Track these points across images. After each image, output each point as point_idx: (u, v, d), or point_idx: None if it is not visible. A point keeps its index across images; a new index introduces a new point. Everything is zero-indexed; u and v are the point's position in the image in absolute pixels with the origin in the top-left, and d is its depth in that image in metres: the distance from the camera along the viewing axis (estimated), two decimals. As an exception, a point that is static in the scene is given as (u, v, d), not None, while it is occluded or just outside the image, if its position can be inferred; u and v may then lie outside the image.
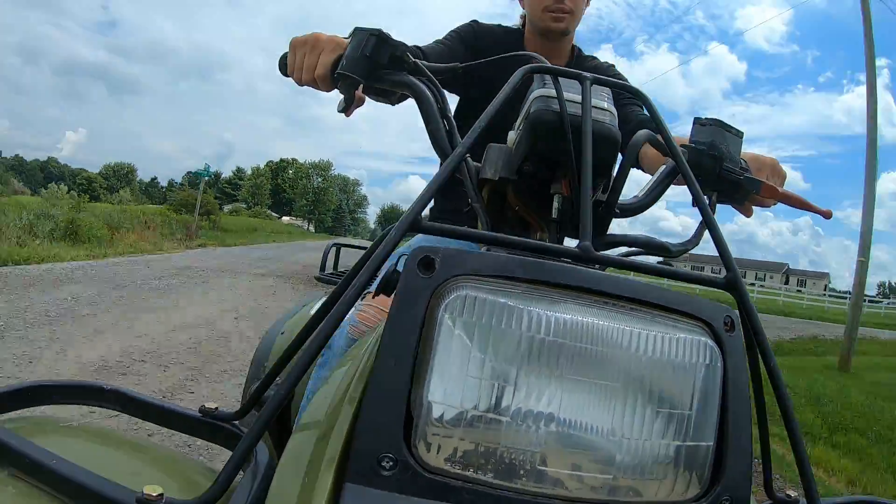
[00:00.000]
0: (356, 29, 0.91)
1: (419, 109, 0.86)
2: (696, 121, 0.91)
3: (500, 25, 1.69)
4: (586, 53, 1.72)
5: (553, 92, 0.72)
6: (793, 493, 0.85)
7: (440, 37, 1.57)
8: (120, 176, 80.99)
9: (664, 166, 0.92)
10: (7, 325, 5.51)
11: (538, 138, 0.73)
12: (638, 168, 1.45)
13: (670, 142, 0.73)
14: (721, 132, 0.89)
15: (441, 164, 0.76)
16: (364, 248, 0.73)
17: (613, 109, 0.73)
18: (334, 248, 2.33)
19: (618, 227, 0.82)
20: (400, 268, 0.61)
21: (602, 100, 0.73)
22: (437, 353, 0.56)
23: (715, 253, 0.68)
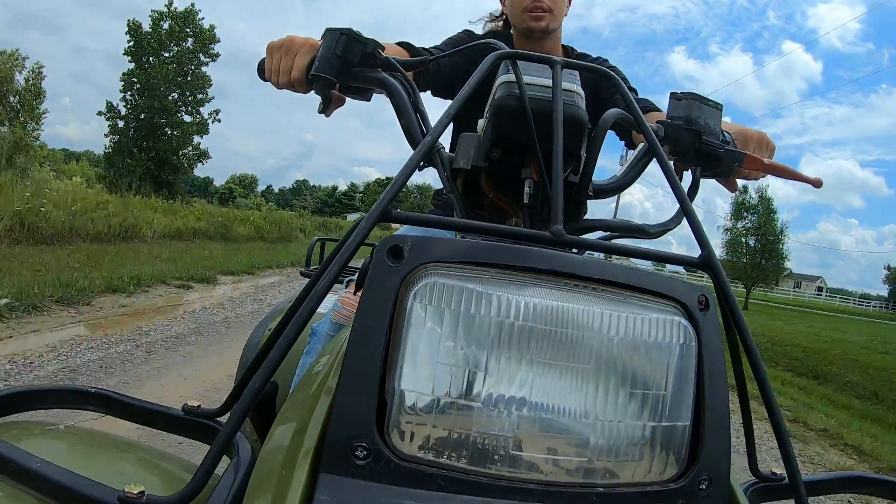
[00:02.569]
0: (327, 29, 0.91)
1: (392, 104, 0.86)
2: (672, 95, 0.90)
3: (492, 31, 1.69)
4: (581, 51, 1.71)
5: (519, 77, 0.72)
6: (778, 471, 0.86)
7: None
8: (245, 185, 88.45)
9: (641, 145, 0.91)
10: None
11: (502, 124, 0.73)
12: (631, 148, 1.44)
13: (641, 121, 0.73)
14: (698, 105, 0.88)
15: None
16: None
17: (581, 91, 0.73)
18: (319, 244, 2.33)
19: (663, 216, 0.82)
20: None
21: (569, 81, 0.73)
22: (407, 341, 0.56)
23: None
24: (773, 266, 29.74)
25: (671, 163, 0.76)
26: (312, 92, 0.97)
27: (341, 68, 0.90)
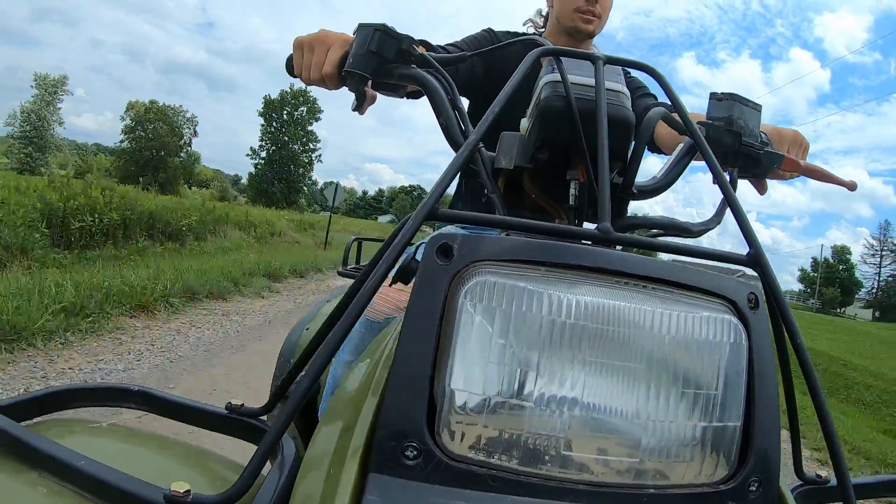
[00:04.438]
0: (360, 25, 0.90)
1: (429, 102, 0.85)
2: (713, 96, 0.89)
3: (513, 32, 1.69)
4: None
5: (564, 76, 0.71)
6: (823, 474, 0.84)
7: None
8: None
9: (682, 145, 0.90)
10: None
11: (549, 125, 0.72)
12: (654, 151, 1.43)
13: (687, 119, 0.71)
14: (739, 106, 0.86)
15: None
16: (384, 241, 0.73)
17: (626, 91, 0.72)
18: (356, 243, 2.33)
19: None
20: (419, 257, 0.60)
21: (615, 81, 0.72)
22: (458, 340, 0.56)
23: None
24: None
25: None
26: (343, 88, 0.96)
27: (376, 65, 0.89)
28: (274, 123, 50.38)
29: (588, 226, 0.70)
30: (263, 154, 50.97)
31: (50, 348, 4.53)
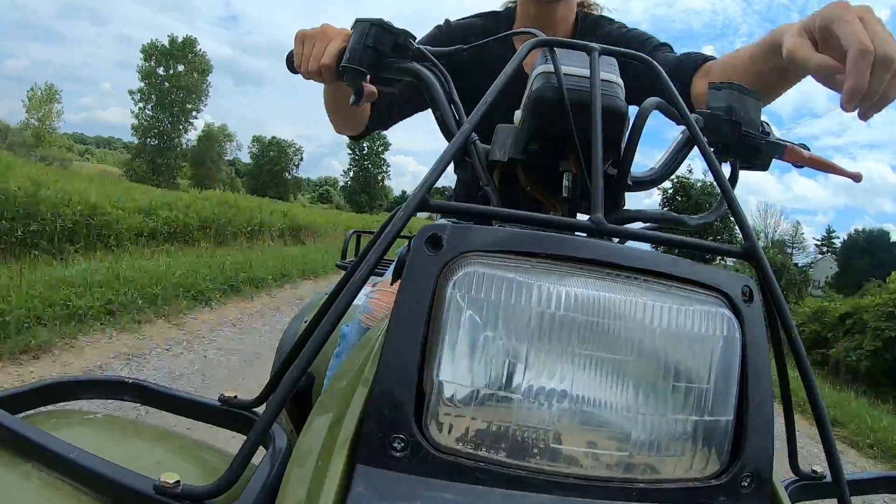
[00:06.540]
0: (357, 20, 0.89)
1: (426, 95, 0.85)
2: (711, 85, 0.87)
3: (477, 15, 1.56)
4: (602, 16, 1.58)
5: (557, 67, 0.71)
6: (818, 469, 0.84)
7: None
8: (331, 184, 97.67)
9: (679, 136, 0.89)
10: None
11: (541, 117, 0.71)
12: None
13: (682, 110, 0.71)
14: (739, 96, 0.85)
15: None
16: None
17: (620, 81, 0.71)
18: (355, 236, 2.33)
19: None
20: None
21: (609, 72, 0.71)
22: (446, 332, 0.55)
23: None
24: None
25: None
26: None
27: (373, 59, 0.89)
28: (357, 151, 72.41)
29: (582, 217, 0.69)
30: (351, 174, 73.34)
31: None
